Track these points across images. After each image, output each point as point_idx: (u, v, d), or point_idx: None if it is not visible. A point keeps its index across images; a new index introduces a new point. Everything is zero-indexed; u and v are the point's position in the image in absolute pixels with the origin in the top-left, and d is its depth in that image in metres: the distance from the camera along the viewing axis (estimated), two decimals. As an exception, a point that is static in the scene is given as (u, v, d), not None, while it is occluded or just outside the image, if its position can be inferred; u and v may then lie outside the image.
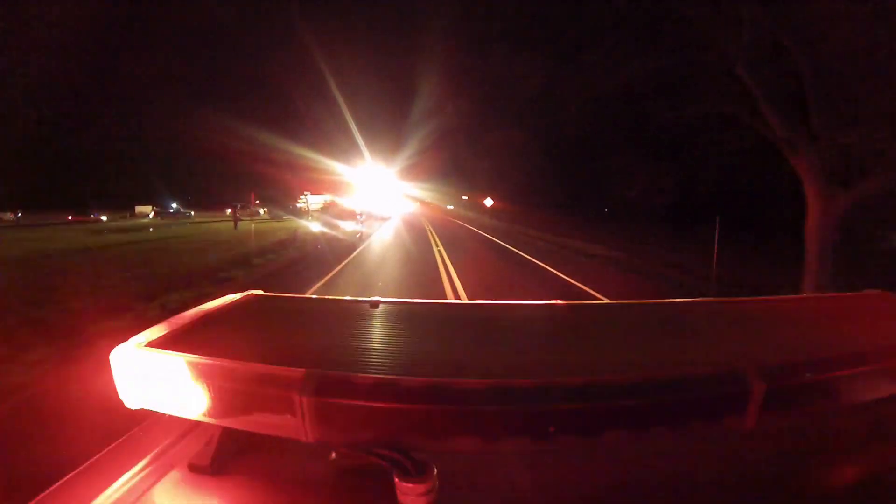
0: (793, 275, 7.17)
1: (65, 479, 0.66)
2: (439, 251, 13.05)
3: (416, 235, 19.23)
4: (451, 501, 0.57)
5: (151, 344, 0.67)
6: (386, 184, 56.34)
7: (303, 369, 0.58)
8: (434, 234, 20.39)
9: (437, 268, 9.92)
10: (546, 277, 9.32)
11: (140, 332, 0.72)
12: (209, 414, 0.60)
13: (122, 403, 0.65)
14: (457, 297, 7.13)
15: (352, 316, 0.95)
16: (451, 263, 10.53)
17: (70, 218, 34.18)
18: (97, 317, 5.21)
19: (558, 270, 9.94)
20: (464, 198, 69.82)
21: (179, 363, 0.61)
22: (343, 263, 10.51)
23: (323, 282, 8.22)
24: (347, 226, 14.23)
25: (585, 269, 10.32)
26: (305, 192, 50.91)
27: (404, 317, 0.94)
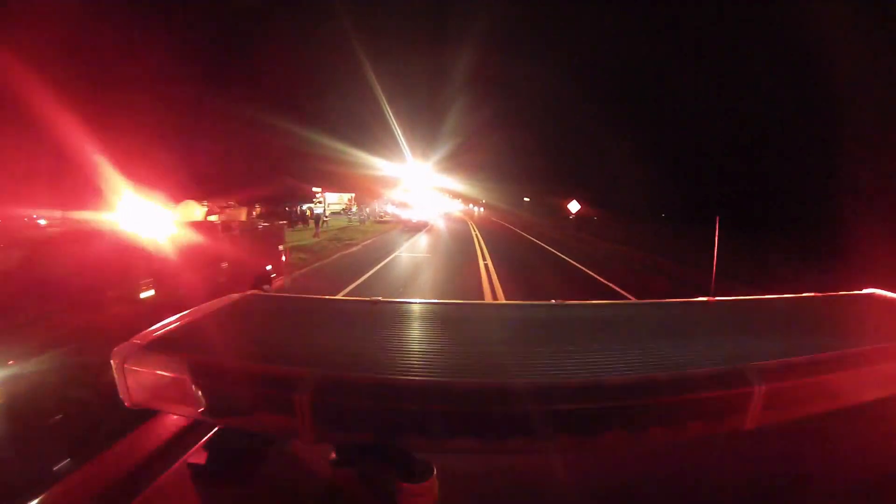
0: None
1: (65, 478, 0.66)
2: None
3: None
4: (451, 501, 0.57)
5: (152, 344, 0.67)
6: (423, 179, 44.32)
7: (303, 369, 0.58)
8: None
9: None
10: None
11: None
12: (209, 414, 0.60)
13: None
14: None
15: (352, 316, 0.95)
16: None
17: (-2, 221, 28.42)
18: None
19: None
20: (525, 199, 58.53)
21: (180, 363, 0.61)
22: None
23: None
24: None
25: None
26: (317, 192, 38.72)
27: (404, 317, 0.94)
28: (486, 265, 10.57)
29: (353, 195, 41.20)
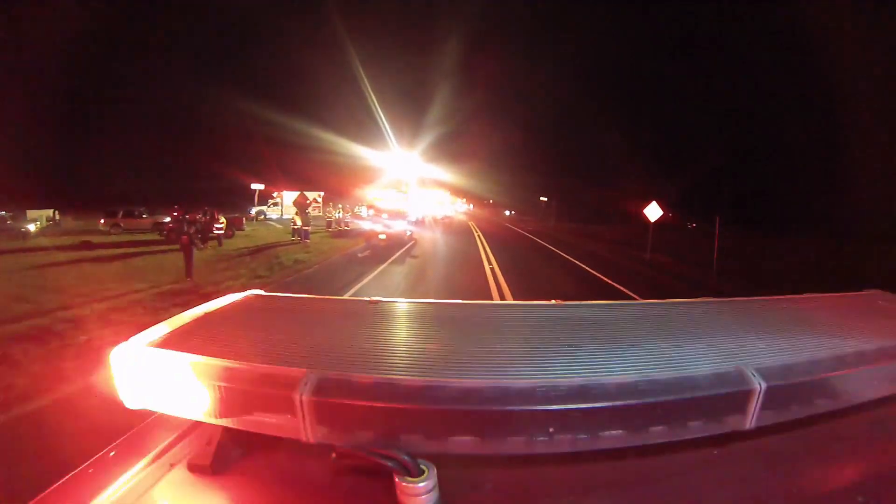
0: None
1: (65, 478, 0.66)
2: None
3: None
4: (451, 501, 0.57)
5: (152, 344, 0.67)
6: (412, 171, 33.86)
7: (303, 369, 0.58)
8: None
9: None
10: None
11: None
12: (209, 414, 0.60)
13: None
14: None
15: (352, 315, 0.95)
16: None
17: None
18: None
19: None
20: (542, 199, 47.92)
21: (180, 363, 0.61)
22: None
23: None
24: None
25: None
26: (258, 189, 28.01)
27: (404, 316, 0.94)
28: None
29: (322, 194, 32.18)
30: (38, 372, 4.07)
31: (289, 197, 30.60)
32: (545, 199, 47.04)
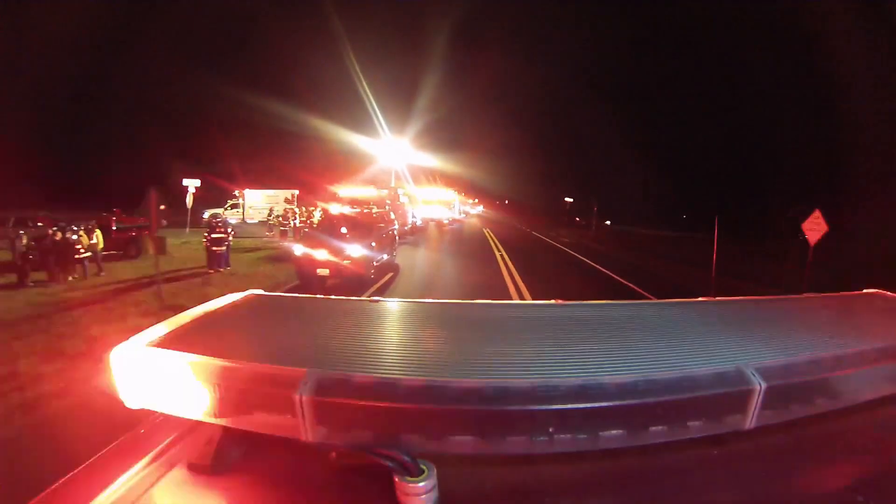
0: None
1: (65, 478, 0.66)
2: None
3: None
4: (451, 501, 0.57)
5: (151, 344, 0.67)
6: (400, 161, 28.09)
7: (303, 369, 0.58)
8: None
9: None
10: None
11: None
12: (209, 414, 0.60)
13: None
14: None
15: (352, 315, 0.95)
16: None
17: None
18: None
19: None
20: (567, 200, 42.54)
21: (180, 363, 0.61)
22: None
23: None
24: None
25: None
26: (192, 186, 15.42)
27: (404, 316, 0.94)
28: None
29: (296, 192, 24.78)
30: None
31: (252, 196, 24.92)
32: (570, 199, 41.26)
